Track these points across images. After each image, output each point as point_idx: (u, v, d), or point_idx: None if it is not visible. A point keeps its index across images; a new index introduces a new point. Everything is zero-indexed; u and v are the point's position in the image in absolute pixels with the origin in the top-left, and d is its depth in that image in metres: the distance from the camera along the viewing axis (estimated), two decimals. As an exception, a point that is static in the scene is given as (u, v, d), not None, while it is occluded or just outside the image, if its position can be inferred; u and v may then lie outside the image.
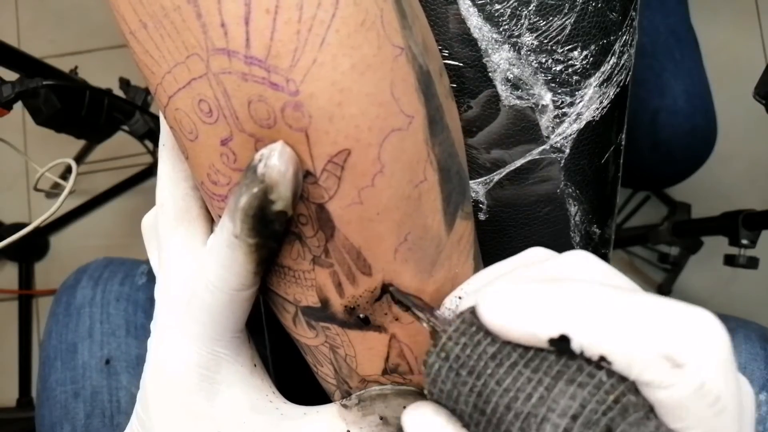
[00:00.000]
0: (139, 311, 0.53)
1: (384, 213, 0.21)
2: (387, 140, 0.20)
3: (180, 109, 0.21)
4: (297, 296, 0.24)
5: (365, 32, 0.19)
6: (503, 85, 0.28)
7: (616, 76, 0.29)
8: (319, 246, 0.22)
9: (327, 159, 0.20)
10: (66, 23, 1.21)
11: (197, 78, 0.20)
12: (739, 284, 1.11)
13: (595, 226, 0.33)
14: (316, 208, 0.21)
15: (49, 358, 0.52)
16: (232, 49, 0.19)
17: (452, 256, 0.24)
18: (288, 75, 0.19)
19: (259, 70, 0.19)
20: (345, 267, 0.22)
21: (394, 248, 0.22)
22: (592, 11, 0.27)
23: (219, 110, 0.20)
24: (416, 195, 0.22)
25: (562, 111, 0.29)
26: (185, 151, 0.22)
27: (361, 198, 0.21)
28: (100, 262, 0.57)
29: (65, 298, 0.54)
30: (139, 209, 1.15)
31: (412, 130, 0.21)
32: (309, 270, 0.22)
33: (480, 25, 0.27)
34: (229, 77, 0.19)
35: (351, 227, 0.21)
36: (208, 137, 0.21)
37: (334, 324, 0.24)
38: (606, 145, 0.31)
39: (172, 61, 0.20)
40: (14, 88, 0.58)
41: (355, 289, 0.23)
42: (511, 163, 0.30)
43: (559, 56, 0.28)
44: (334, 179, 0.20)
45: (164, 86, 0.21)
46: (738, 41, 1.15)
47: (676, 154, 0.73)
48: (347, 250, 0.22)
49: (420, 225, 0.22)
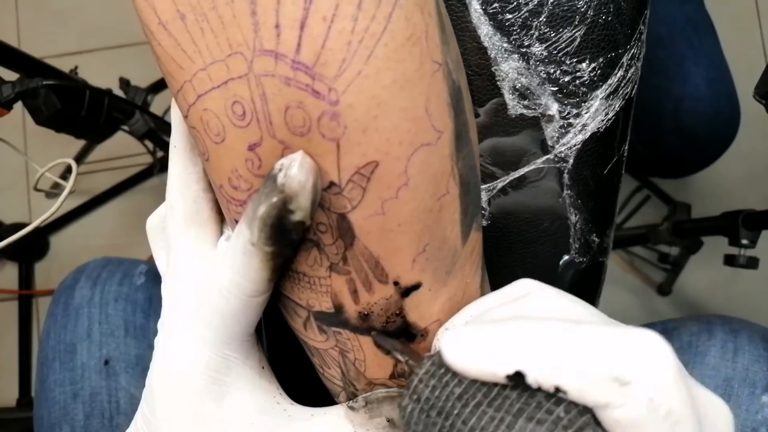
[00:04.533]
0: (137, 311, 0.53)
1: (405, 225, 0.21)
2: (415, 154, 0.20)
3: (209, 110, 0.20)
4: (310, 301, 0.24)
5: (410, 47, 0.20)
6: (511, 94, 0.28)
7: (623, 88, 0.29)
8: (338, 254, 0.22)
9: (354, 170, 0.20)
10: (66, 23, 1.20)
11: (236, 78, 0.19)
12: (739, 284, 1.11)
13: (594, 235, 0.33)
14: (337, 218, 0.21)
15: (48, 359, 0.52)
16: (281, 52, 0.18)
17: (465, 267, 0.25)
18: (331, 84, 0.19)
19: (304, 77, 0.19)
20: (362, 275, 0.22)
21: (413, 258, 0.22)
22: (602, 24, 0.27)
23: (253, 114, 0.19)
24: (437, 208, 0.22)
25: (568, 121, 0.29)
26: (206, 153, 0.22)
27: (384, 209, 0.21)
28: (98, 262, 0.56)
29: (63, 298, 0.54)
30: (139, 209, 1.15)
31: (440, 145, 0.21)
32: (325, 277, 0.23)
33: (491, 34, 0.27)
34: (272, 80, 0.19)
35: (371, 237, 0.21)
36: (236, 141, 0.20)
37: (346, 329, 0.24)
38: (609, 156, 0.31)
39: (209, 57, 0.19)
40: (14, 88, 0.57)
41: (370, 297, 0.23)
42: (515, 171, 0.30)
43: (567, 67, 0.28)
44: (358, 190, 0.20)
45: (194, 83, 0.20)
46: (738, 41, 1.15)
47: (702, 140, 0.73)
48: (366, 258, 0.22)
49: (439, 236, 0.23)
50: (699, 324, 0.47)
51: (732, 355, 0.44)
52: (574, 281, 0.34)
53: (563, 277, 0.34)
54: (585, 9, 0.27)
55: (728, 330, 0.46)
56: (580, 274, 0.34)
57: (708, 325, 0.47)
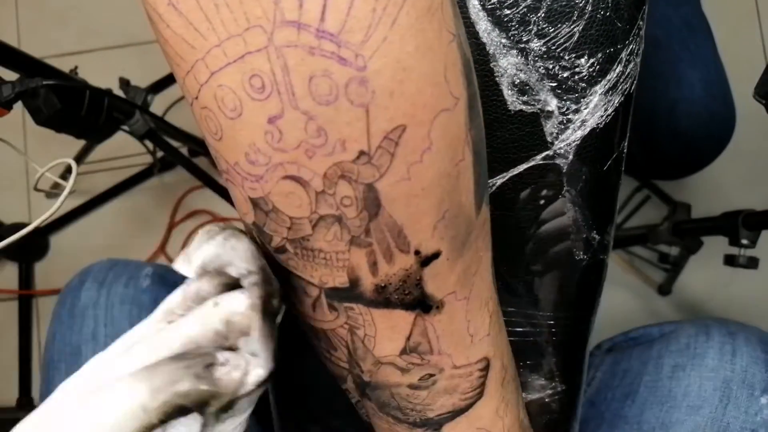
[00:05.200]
0: (143, 313, 0.53)
1: (428, 189, 0.22)
2: (437, 119, 0.21)
3: (224, 85, 0.20)
4: (323, 278, 0.24)
5: (430, 17, 0.20)
6: (509, 90, 0.28)
7: (622, 84, 0.29)
8: (361, 226, 0.22)
9: (383, 135, 0.20)
10: (66, 23, 1.20)
11: (254, 51, 0.19)
12: (739, 284, 1.11)
13: (595, 232, 0.33)
14: (363, 189, 0.21)
15: (53, 361, 0.51)
16: (304, 22, 0.18)
17: (479, 239, 0.25)
18: (358, 50, 0.19)
19: (330, 44, 0.19)
20: (384, 245, 0.22)
21: (434, 225, 0.23)
22: (601, 19, 0.27)
23: (273, 85, 0.19)
24: (455, 173, 0.22)
25: (567, 117, 0.29)
26: (219, 131, 0.22)
27: (409, 174, 0.21)
28: (104, 264, 0.56)
29: (69, 300, 0.54)
30: (139, 209, 1.15)
31: (457, 111, 0.22)
32: (344, 251, 0.23)
33: (489, 30, 0.28)
34: (294, 51, 0.19)
35: (396, 204, 0.22)
36: (254, 115, 0.20)
37: (359, 304, 0.24)
38: (609, 152, 0.31)
39: (224, 33, 0.19)
40: (14, 88, 0.57)
41: (390, 268, 0.23)
42: (514, 168, 0.30)
43: (566, 63, 0.28)
44: (387, 156, 0.21)
45: (207, 61, 0.20)
46: (738, 41, 1.15)
47: (697, 143, 0.74)
48: (389, 228, 0.22)
49: (456, 202, 0.23)
50: (696, 327, 0.48)
51: (730, 357, 0.44)
52: (575, 279, 0.34)
53: (564, 275, 0.34)
54: (583, 4, 0.27)
55: (725, 332, 0.46)
56: (580, 272, 0.34)
57: (705, 327, 0.47)
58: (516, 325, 0.34)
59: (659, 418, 0.44)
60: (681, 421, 0.43)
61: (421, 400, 0.27)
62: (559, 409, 0.36)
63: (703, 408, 0.43)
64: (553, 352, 0.35)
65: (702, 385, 0.44)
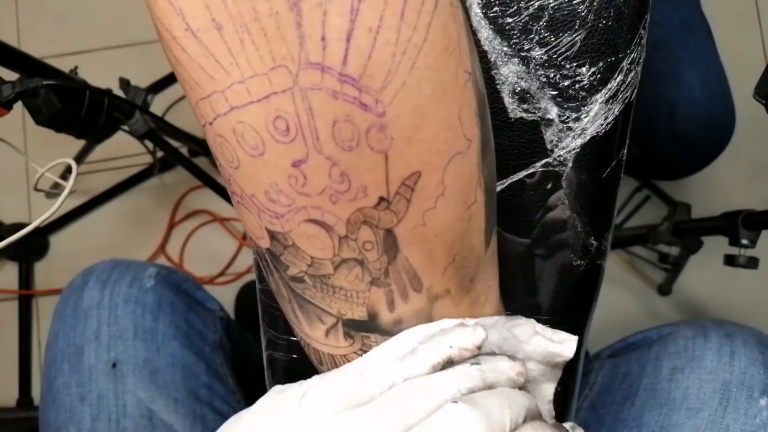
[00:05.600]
0: (147, 314, 0.53)
1: (441, 234, 0.22)
2: (450, 163, 0.21)
3: (245, 123, 0.20)
4: (342, 311, 0.24)
5: (447, 57, 0.20)
6: (510, 98, 0.28)
7: (622, 93, 0.29)
8: (380, 269, 0.22)
9: (401, 181, 0.20)
10: (66, 23, 1.20)
11: (279, 92, 0.19)
12: (739, 284, 1.11)
13: (593, 239, 0.33)
14: (384, 234, 0.21)
15: (56, 361, 0.51)
16: (327, 65, 0.18)
17: (487, 271, 0.26)
18: (378, 96, 0.19)
19: (351, 89, 0.18)
20: (401, 286, 0.23)
21: (444, 267, 0.23)
22: (602, 29, 0.27)
23: (298, 129, 0.19)
24: (467, 217, 0.23)
25: (567, 125, 0.29)
26: (237, 162, 0.21)
27: (424, 220, 0.21)
28: (107, 264, 0.56)
29: (72, 300, 0.53)
30: (139, 209, 1.15)
31: (469, 153, 0.22)
32: (364, 291, 0.23)
33: (491, 38, 0.28)
34: (318, 94, 0.18)
35: (413, 249, 0.22)
36: (278, 157, 0.20)
37: (375, 334, 0.24)
38: (608, 160, 0.31)
39: (249, 71, 0.19)
40: (14, 88, 0.57)
41: (405, 305, 0.23)
42: (513, 175, 0.30)
43: (567, 71, 0.28)
44: (404, 203, 0.21)
45: (228, 96, 0.19)
46: (738, 41, 1.15)
47: (697, 143, 0.74)
48: (406, 270, 0.22)
49: (467, 246, 0.23)
50: (693, 329, 0.47)
51: (729, 359, 0.44)
52: (572, 284, 0.34)
53: (561, 280, 0.34)
54: (585, 13, 0.27)
55: (723, 334, 0.46)
56: (577, 277, 0.34)
57: (703, 329, 0.47)
58: (516, 330, 0.34)
59: (659, 421, 0.44)
60: (680, 424, 0.43)
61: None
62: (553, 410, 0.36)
63: (702, 410, 0.42)
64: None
65: (701, 388, 0.43)
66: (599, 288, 0.36)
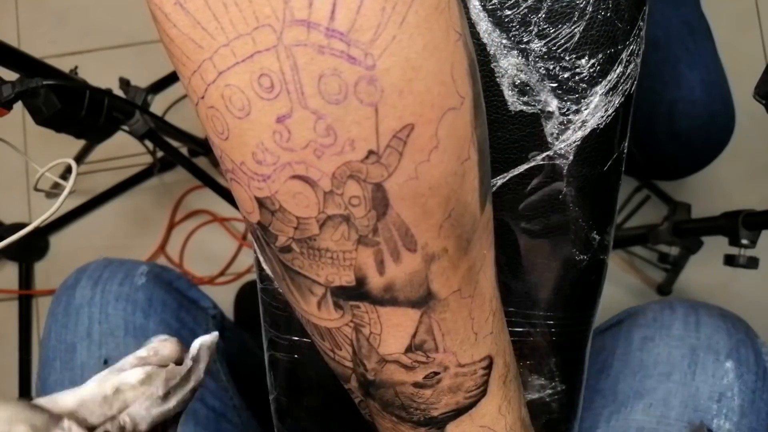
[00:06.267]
0: (138, 311, 0.53)
1: (435, 188, 0.22)
2: (444, 118, 0.21)
3: (232, 85, 0.20)
4: (330, 277, 0.24)
5: (438, 15, 0.20)
6: (510, 91, 0.28)
7: (622, 85, 0.29)
8: (368, 225, 0.22)
9: (392, 134, 0.20)
10: (66, 23, 1.20)
11: (263, 51, 0.19)
12: (739, 284, 1.11)
13: (595, 233, 0.33)
14: (372, 188, 0.21)
15: (49, 359, 0.52)
16: (314, 21, 0.18)
17: (483, 237, 0.25)
18: (368, 49, 0.19)
19: (339, 43, 0.19)
20: (391, 244, 0.22)
21: (440, 223, 0.23)
22: (601, 20, 0.27)
23: (282, 84, 0.19)
24: (462, 172, 0.23)
25: (567, 118, 0.29)
26: (226, 131, 0.21)
27: (417, 173, 0.21)
28: (99, 263, 0.57)
29: (64, 298, 0.54)
30: (139, 209, 1.15)
31: (463, 110, 0.22)
32: (351, 250, 0.23)
33: (489, 30, 0.28)
34: (303, 50, 0.19)
35: (405, 203, 0.22)
36: (262, 114, 0.20)
37: (365, 302, 0.24)
38: (609, 153, 0.31)
39: (233, 32, 0.19)
40: (14, 88, 0.57)
41: (396, 266, 0.23)
42: (514, 168, 0.30)
43: (566, 63, 0.28)
44: (396, 155, 0.21)
45: (215, 61, 0.20)
46: (738, 41, 1.15)
47: (696, 144, 0.74)
48: (397, 227, 0.22)
49: (462, 202, 0.23)
50: (660, 304, 0.51)
51: (695, 326, 0.47)
52: (575, 279, 0.34)
53: (563, 275, 0.34)
54: (584, 5, 0.27)
55: (688, 306, 0.49)
56: (580, 272, 0.34)
57: (669, 304, 0.50)
58: (516, 325, 0.34)
59: (633, 387, 0.46)
60: (654, 388, 0.45)
61: (425, 399, 0.27)
62: (558, 408, 0.36)
63: (673, 374, 0.45)
64: (553, 352, 0.35)
65: (671, 353, 0.46)
66: (603, 284, 0.36)
